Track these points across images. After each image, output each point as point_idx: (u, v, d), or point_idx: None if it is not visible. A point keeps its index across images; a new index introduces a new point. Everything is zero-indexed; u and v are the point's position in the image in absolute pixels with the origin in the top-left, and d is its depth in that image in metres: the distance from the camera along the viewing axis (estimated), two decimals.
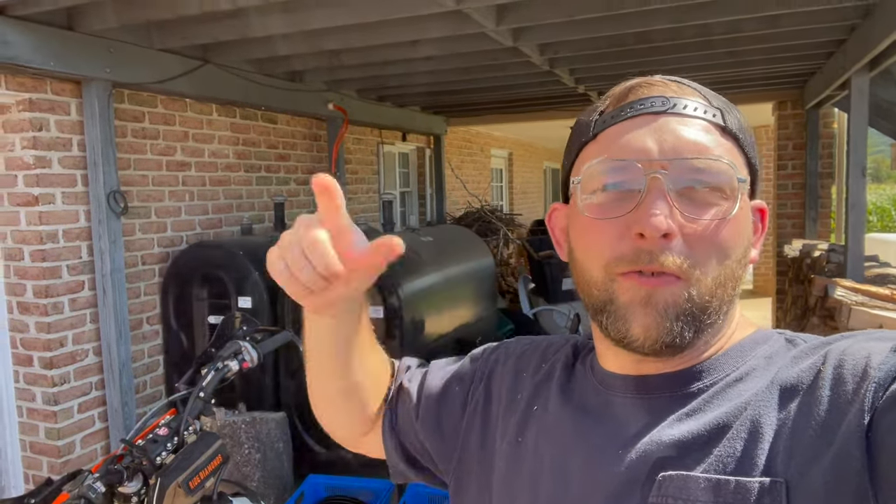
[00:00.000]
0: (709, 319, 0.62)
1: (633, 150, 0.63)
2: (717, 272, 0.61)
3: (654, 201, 0.60)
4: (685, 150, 0.62)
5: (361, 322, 0.78)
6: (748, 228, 0.65)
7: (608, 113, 0.67)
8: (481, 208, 7.86)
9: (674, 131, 0.63)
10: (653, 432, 0.62)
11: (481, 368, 0.85)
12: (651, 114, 0.64)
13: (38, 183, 3.09)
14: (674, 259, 0.60)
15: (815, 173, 5.91)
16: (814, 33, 3.70)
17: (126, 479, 1.41)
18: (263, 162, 4.71)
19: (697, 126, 0.63)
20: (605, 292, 0.63)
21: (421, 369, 0.91)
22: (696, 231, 0.61)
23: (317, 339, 0.78)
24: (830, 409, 0.55)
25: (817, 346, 0.62)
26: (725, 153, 0.63)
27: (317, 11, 3.06)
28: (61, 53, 3.00)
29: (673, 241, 0.60)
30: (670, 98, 0.64)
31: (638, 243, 0.60)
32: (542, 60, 4.09)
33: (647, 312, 0.61)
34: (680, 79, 0.68)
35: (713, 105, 0.65)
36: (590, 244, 0.65)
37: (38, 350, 3.19)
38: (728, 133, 0.64)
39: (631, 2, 3.01)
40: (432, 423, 0.84)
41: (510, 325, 5.05)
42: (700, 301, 0.61)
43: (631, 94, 0.66)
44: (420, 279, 3.50)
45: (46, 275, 3.13)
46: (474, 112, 6.92)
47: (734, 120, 0.66)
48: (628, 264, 0.61)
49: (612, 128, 0.65)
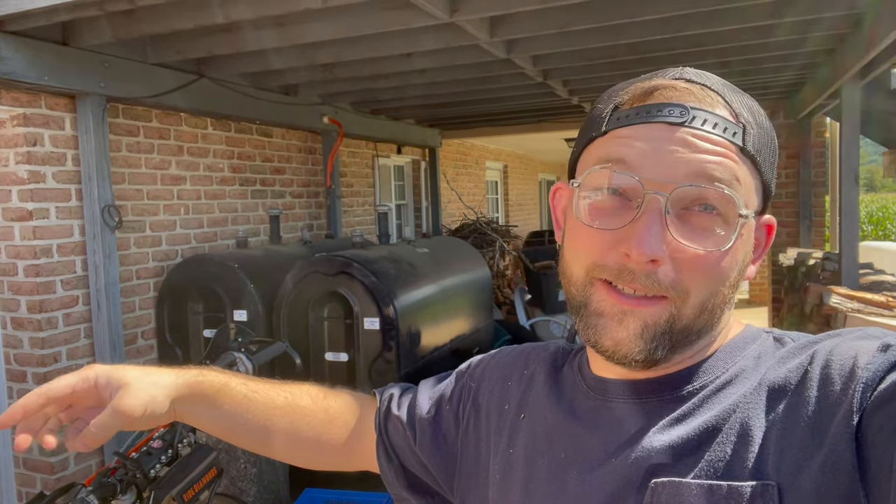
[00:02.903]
0: (687, 339, 0.62)
1: (638, 163, 0.60)
2: (703, 298, 0.60)
3: (649, 224, 0.58)
4: (692, 175, 0.58)
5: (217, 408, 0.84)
6: (746, 252, 0.63)
7: (623, 111, 0.63)
8: (477, 220, 7.88)
9: (684, 151, 0.59)
10: (644, 438, 0.62)
11: (468, 384, 0.85)
12: (666, 124, 0.60)
13: (33, 198, 3.08)
14: (658, 283, 0.59)
15: (808, 182, 5.94)
16: (804, 43, 3.73)
17: (120, 493, 1.40)
18: (259, 175, 4.71)
19: (712, 146, 0.59)
20: (582, 293, 0.63)
21: (407, 395, 0.91)
22: (687, 258, 0.59)
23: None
24: (819, 409, 0.54)
25: (804, 346, 0.61)
26: (736, 181, 0.59)
27: (311, 25, 3.08)
28: (56, 68, 3.01)
29: (660, 266, 0.59)
30: (691, 109, 0.60)
31: (624, 260, 0.60)
32: (536, 72, 4.12)
33: (619, 329, 0.61)
34: (708, 80, 0.64)
35: (738, 120, 0.61)
36: (579, 245, 0.64)
37: (31, 366, 3.17)
38: (746, 154, 0.61)
39: (623, 13, 3.03)
40: (430, 445, 0.84)
41: (507, 337, 5.04)
42: (680, 324, 0.60)
43: (650, 97, 0.62)
44: (416, 290, 3.50)
45: (40, 290, 3.12)
46: (469, 125, 6.95)
47: (755, 138, 0.62)
48: (610, 274, 0.61)
49: (623, 129, 0.62)
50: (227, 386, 0.85)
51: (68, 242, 3.25)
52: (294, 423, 0.87)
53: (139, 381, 0.76)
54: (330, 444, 0.88)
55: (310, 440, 0.87)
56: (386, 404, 0.90)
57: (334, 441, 0.88)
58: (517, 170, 11.59)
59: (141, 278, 3.72)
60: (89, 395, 0.74)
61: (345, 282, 3.21)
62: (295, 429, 0.87)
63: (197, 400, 0.82)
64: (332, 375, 3.26)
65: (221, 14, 2.77)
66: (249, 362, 1.68)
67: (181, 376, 0.81)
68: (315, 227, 5.37)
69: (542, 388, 0.76)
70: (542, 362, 0.79)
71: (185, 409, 0.82)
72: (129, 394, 0.74)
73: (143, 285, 3.73)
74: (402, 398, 0.90)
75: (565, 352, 0.80)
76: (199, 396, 0.82)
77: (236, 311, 3.49)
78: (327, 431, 0.88)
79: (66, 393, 0.72)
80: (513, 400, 0.78)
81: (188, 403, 0.82)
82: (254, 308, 3.47)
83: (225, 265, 3.54)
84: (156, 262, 3.81)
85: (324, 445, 0.88)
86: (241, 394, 0.85)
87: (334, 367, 3.28)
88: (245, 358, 1.68)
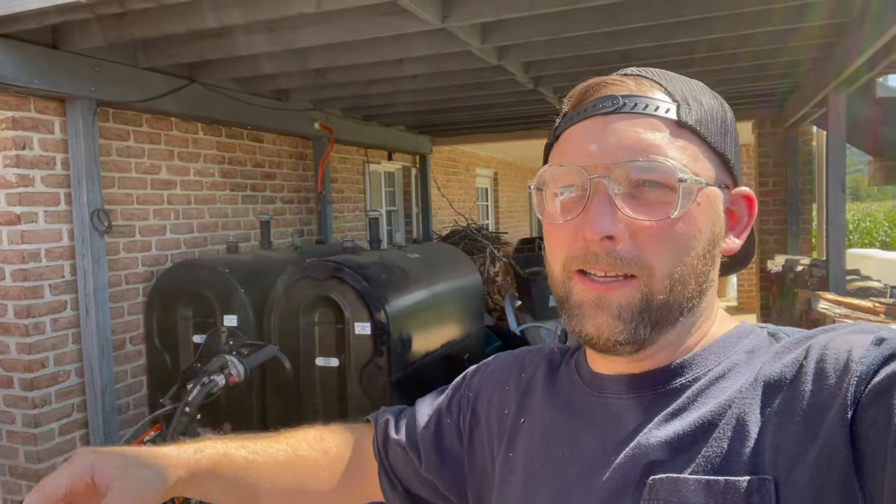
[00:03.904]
0: (668, 316, 0.63)
1: (579, 154, 0.64)
2: (671, 269, 0.62)
3: (598, 205, 0.62)
4: (627, 152, 0.62)
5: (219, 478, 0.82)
6: (712, 221, 0.64)
7: (568, 115, 0.69)
8: (467, 226, 7.89)
9: (618, 132, 0.63)
10: (640, 434, 0.62)
11: (466, 393, 0.86)
12: (600, 115, 0.65)
13: (21, 201, 3.05)
14: (620, 260, 0.61)
15: (795, 190, 6.00)
16: (791, 52, 3.78)
17: None
18: (249, 181, 4.70)
19: (645, 125, 0.63)
20: (563, 289, 0.66)
21: (403, 418, 0.91)
22: (645, 231, 0.61)
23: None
24: (814, 403, 0.55)
25: (800, 341, 0.62)
26: (675, 150, 0.62)
27: (303, 30, 3.09)
28: (46, 72, 2.99)
29: (620, 243, 0.61)
30: (621, 97, 0.65)
31: (587, 245, 0.62)
32: (527, 79, 4.14)
33: (597, 314, 0.63)
34: (644, 71, 0.69)
35: (673, 98, 0.65)
36: (551, 244, 0.67)
37: (18, 371, 3.13)
38: (684, 127, 0.64)
39: (614, 21, 3.06)
40: (437, 464, 0.84)
41: (497, 343, 5.04)
42: (654, 299, 0.62)
43: (586, 96, 0.68)
44: (407, 296, 3.49)
45: (28, 294, 3.09)
46: (459, 131, 6.97)
47: (694, 112, 0.65)
48: (580, 263, 0.63)
49: (567, 131, 0.68)
50: (226, 456, 0.82)
51: (57, 247, 3.22)
52: (299, 476, 0.86)
53: (134, 472, 0.72)
54: (334, 487, 0.88)
55: (316, 489, 0.87)
56: (383, 431, 0.90)
57: (338, 482, 0.88)
58: (507, 177, 11.63)
59: (130, 283, 3.69)
60: (86, 490, 0.70)
61: (336, 287, 3.20)
62: (300, 482, 0.86)
63: (198, 478, 0.80)
64: (323, 380, 3.25)
65: (213, 18, 2.77)
66: (241, 365, 1.67)
67: (179, 457, 0.78)
68: (306, 232, 5.36)
69: (539, 390, 0.77)
70: (539, 364, 0.80)
71: (188, 487, 0.79)
72: (123, 489, 0.69)
73: (132, 290, 3.71)
74: (399, 422, 0.90)
75: (562, 352, 0.81)
76: (201, 474, 0.80)
77: (226, 316, 3.47)
78: (330, 476, 0.88)
79: (62, 494, 0.68)
80: (511, 404, 0.79)
81: (190, 483, 0.79)
82: (244, 313, 3.45)
83: (215, 270, 3.52)
84: (145, 267, 3.79)
85: (329, 490, 0.88)
86: (243, 458, 0.83)
87: (325, 373, 3.27)
88: (237, 361, 1.67)
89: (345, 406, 3.19)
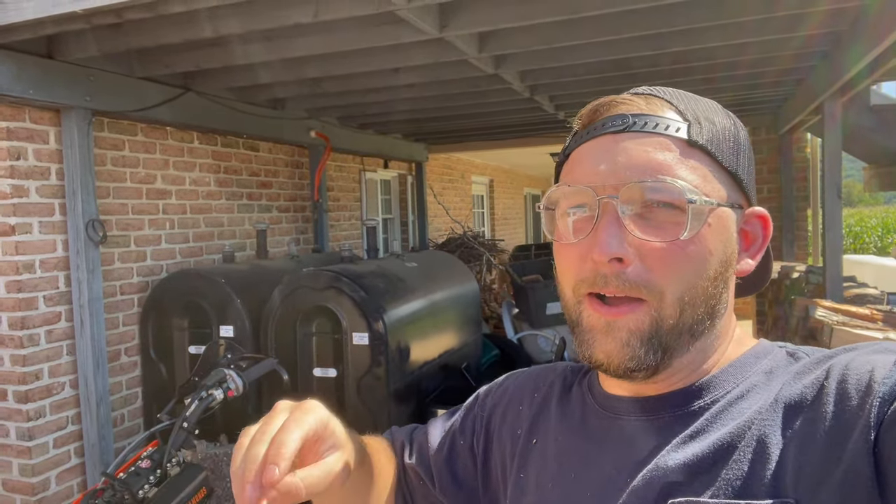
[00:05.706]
0: (678, 340, 0.62)
1: (588, 174, 0.63)
2: (682, 293, 0.61)
3: (606, 225, 0.61)
4: (637, 172, 0.61)
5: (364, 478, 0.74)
6: (724, 242, 0.63)
7: (578, 134, 0.68)
8: (464, 234, 7.89)
9: (628, 152, 0.62)
10: (658, 457, 0.61)
11: (479, 413, 0.85)
12: (610, 133, 0.64)
13: (15, 212, 3.03)
14: (629, 283, 0.60)
15: (790, 197, 6.02)
16: (786, 60, 3.79)
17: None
18: (245, 189, 4.68)
19: (655, 144, 0.62)
20: (574, 312, 0.65)
21: (416, 440, 0.88)
22: (654, 253, 0.60)
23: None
24: (836, 425, 0.54)
25: (820, 361, 0.61)
26: (685, 170, 0.61)
27: (300, 39, 3.08)
28: (41, 82, 2.98)
29: (629, 265, 0.60)
30: (631, 116, 0.64)
31: (595, 266, 0.61)
32: (523, 87, 4.14)
33: (607, 340, 0.62)
34: (655, 90, 0.68)
35: (684, 117, 0.64)
36: (561, 267, 0.67)
37: (12, 383, 3.10)
38: (695, 146, 0.63)
39: (610, 30, 3.07)
40: (451, 486, 0.83)
41: (495, 351, 5.02)
42: (664, 324, 0.61)
43: (595, 115, 0.67)
44: (405, 305, 3.48)
45: (22, 306, 3.06)
46: (455, 139, 6.97)
47: (705, 131, 0.64)
48: (589, 286, 0.62)
49: (577, 150, 0.67)
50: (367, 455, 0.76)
51: (51, 258, 3.19)
52: (386, 483, 0.83)
53: (349, 447, 0.66)
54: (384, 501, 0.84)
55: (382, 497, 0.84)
56: (399, 454, 0.88)
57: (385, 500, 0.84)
58: (503, 184, 11.65)
59: (125, 294, 3.66)
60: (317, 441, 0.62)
61: (333, 297, 3.18)
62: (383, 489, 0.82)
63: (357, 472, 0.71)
64: (321, 391, 3.22)
65: (210, 28, 2.76)
66: (240, 379, 1.65)
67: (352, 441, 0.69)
68: (302, 241, 5.34)
69: (552, 410, 0.76)
70: (553, 384, 0.79)
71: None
72: (343, 459, 0.63)
73: (128, 301, 3.68)
74: (412, 445, 0.88)
75: (574, 371, 0.80)
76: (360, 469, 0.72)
77: (223, 327, 3.44)
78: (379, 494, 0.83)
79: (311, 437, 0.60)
80: (524, 424, 0.78)
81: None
82: (240, 323, 3.43)
83: (211, 279, 3.50)
84: (140, 278, 3.76)
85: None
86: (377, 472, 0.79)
87: (322, 383, 3.25)
88: (235, 375, 1.65)
89: (343, 417, 3.16)
